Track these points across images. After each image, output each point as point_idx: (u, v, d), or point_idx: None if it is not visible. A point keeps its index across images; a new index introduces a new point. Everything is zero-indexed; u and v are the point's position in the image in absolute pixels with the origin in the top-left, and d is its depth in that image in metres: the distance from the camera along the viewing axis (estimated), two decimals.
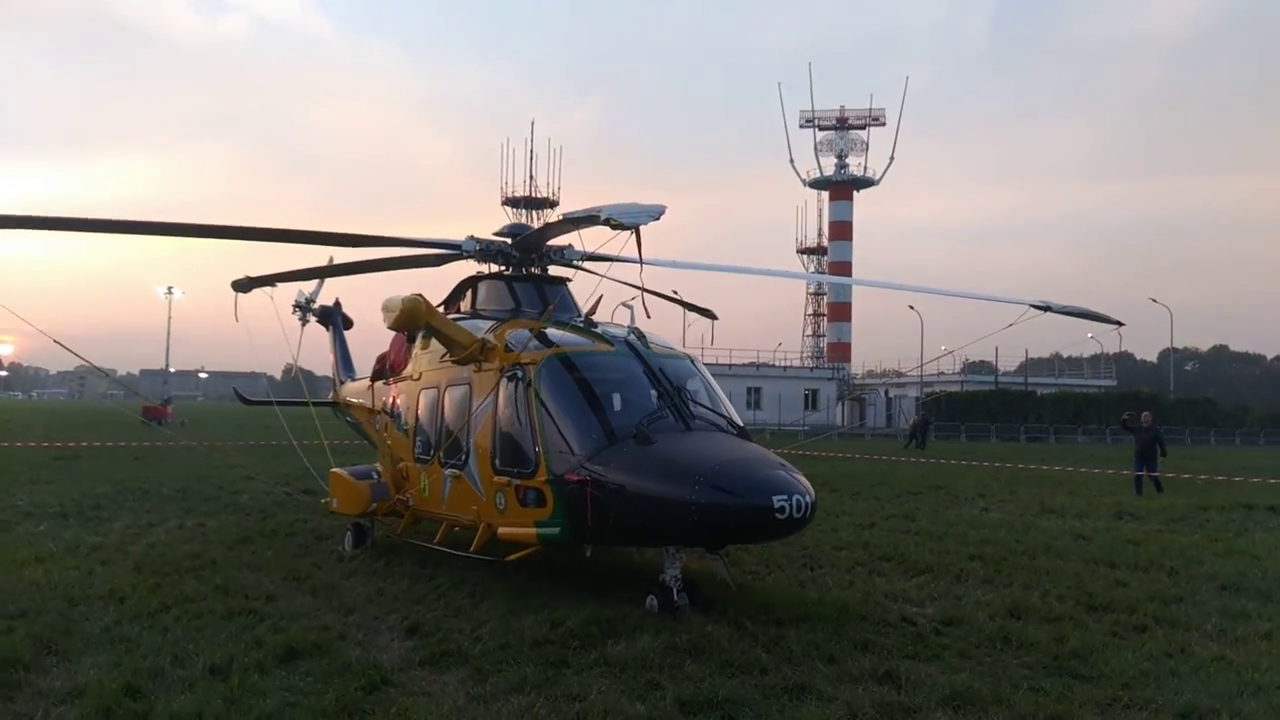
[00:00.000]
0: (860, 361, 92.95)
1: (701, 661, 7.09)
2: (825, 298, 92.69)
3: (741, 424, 9.52)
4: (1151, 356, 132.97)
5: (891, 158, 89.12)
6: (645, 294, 9.59)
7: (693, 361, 10.32)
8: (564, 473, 8.66)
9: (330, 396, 17.48)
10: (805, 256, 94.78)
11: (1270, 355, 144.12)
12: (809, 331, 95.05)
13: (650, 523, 8.17)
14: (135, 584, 9.39)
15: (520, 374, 9.43)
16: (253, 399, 19.86)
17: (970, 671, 7.01)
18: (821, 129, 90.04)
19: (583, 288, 14.31)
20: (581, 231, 9.67)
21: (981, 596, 9.75)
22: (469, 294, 12.22)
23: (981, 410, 60.74)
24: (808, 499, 7.95)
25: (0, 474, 20.66)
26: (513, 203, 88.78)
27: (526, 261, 11.76)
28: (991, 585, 10.41)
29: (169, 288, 72.30)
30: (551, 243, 11.49)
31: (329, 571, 10.45)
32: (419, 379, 11.56)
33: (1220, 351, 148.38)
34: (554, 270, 12.06)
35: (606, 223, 6.98)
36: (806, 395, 69.45)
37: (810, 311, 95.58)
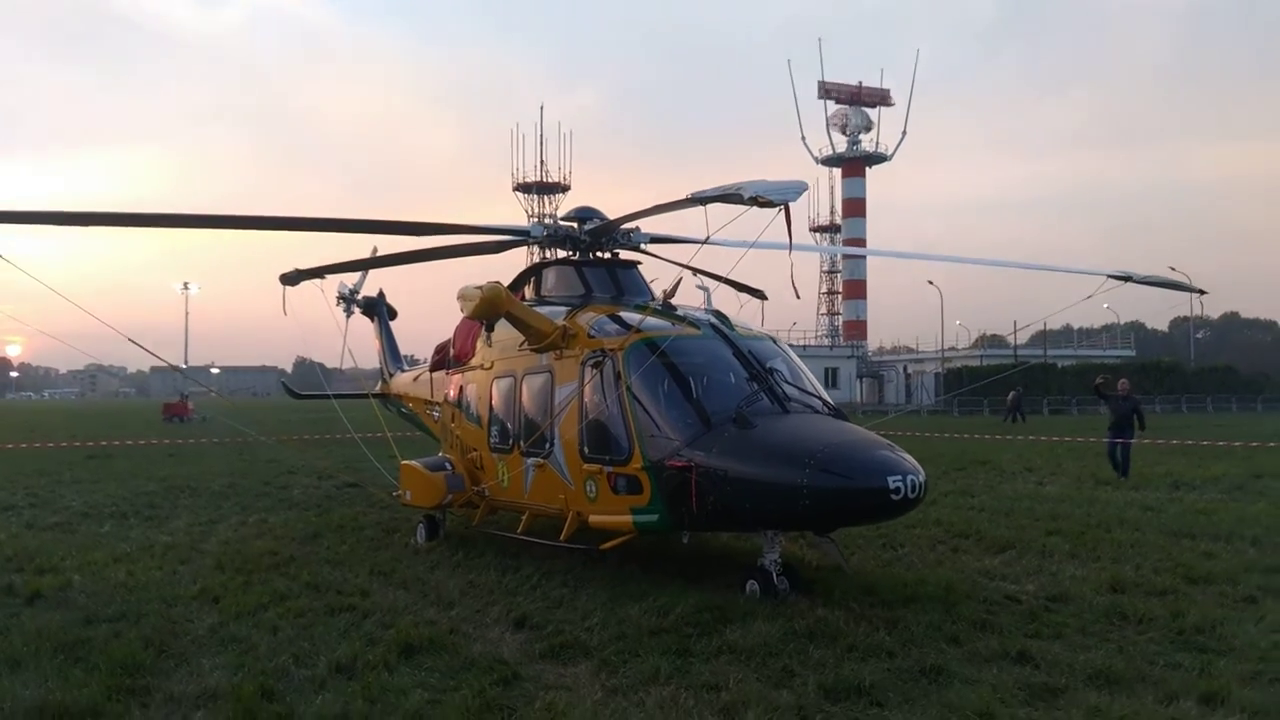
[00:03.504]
0: (876, 338, 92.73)
1: (825, 646, 6.97)
2: (840, 276, 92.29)
3: (835, 404, 9.37)
4: (1162, 326, 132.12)
5: (904, 133, 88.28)
6: (695, 272, 9.43)
7: (775, 342, 10.18)
8: (662, 459, 8.54)
9: (378, 388, 17.38)
10: (818, 234, 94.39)
11: None
12: (823, 310, 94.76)
13: (758, 508, 8.05)
14: (224, 583, 9.30)
15: (607, 360, 9.30)
16: (303, 393, 19.77)
17: (1101, 650, 6.88)
18: (838, 102, 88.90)
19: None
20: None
21: (1076, 572, 9.63)
22: (532, 280, 12.07)
23: (1003, 384, 60.31)
24: (921, 479, 7.83)
25: (41, 474, 20.65)
26: (524, 188, 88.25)
27: (596, 246, 11.60)
28: (1079, 560, 10.29)
29: (185, 284, 72.08)
30: (614, 224, 11.31)
31: (412, 565, 10.34)
32: (490, 368, 11.40)
33: (1231, 319, 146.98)
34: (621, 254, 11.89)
35: (753, 201, 6.80)
36: (827, 373, 69.26)
37: (825, 290, 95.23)
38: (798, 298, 8.69)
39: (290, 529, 12.97)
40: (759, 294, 16.01)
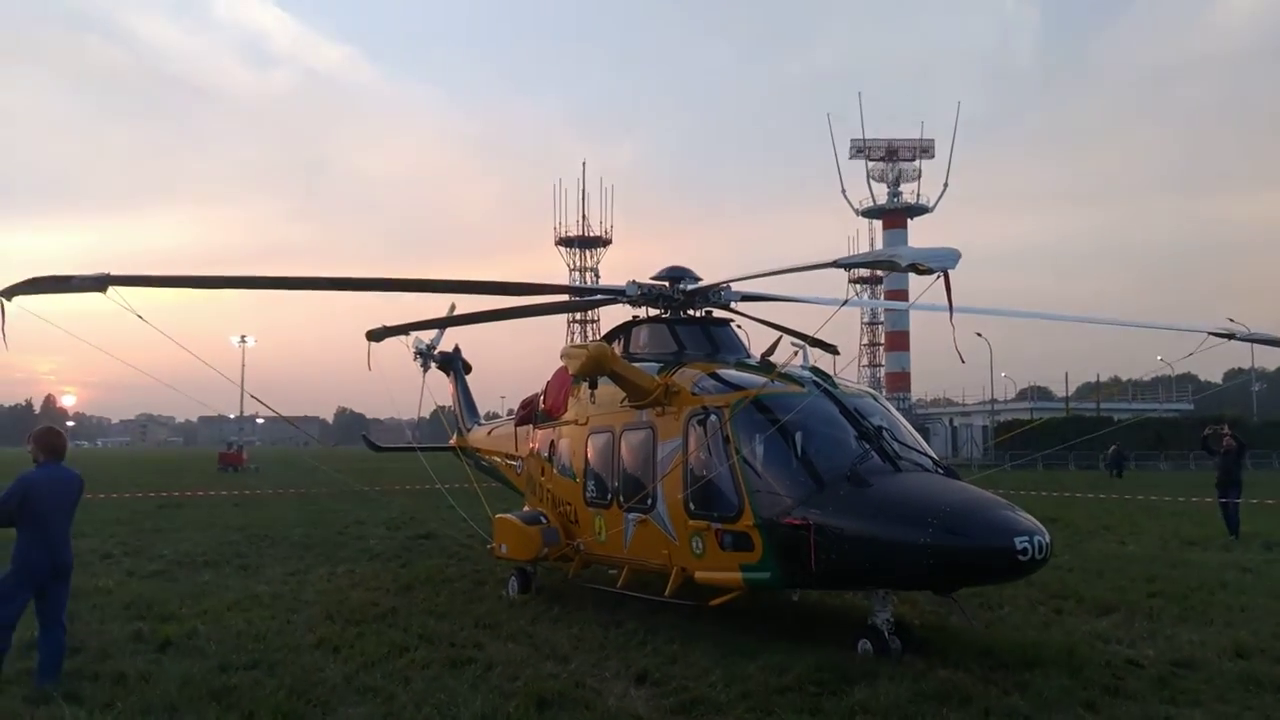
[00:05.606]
0: (921, 389, 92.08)
1: (959, 709, 6.93)
2: (882, 328, 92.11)
3: (945, 462, 9.38)
4: (1215, 378, 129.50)
5: (945, 184, 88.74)
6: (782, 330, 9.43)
7: (876, 398, 10.24)
8: (774, 516, 8.58)
9: (453, 440, 17.65)
10: (858, 286, 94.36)
11: None
12: (865, 362, 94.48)
13: (879, 567, 8.05)
14: (339, 633, 9.46)
15: (713, 417, 9.41)
16: (383, 445, 20.10)
17: (1248, 718, 6.76)
18: (872, 160, 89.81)
19: None
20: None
21: (1192, 636, 9.46)
22: (622, 337, 12.26)
23: (1056, 438, 59.39)
24: (1046, 539, 7.82)
25: (120, 524, 21.07)
26: (566, 242, 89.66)
27: (688, 304, 11.79)
28: (1191, 624, 10.12)
29: (242, 336, 73.64)
30: (710, 285, 11.50)
31: (514, 618, 10.41)
32: (585, 423, 11.55)
33: None
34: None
35: (911, 268, 6.95)
36: None
37: (866, 341, 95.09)
38: (962, 362, 8.56)
39: (381, 580, 13.15)
40: (832, 349, 16.14)
